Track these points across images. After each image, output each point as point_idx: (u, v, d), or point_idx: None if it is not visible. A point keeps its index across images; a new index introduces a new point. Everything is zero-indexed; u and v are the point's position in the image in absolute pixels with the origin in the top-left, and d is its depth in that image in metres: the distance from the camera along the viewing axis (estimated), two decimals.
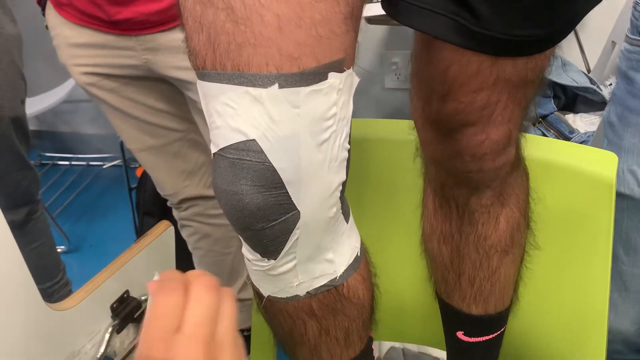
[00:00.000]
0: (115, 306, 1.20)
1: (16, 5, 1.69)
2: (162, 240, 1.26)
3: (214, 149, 0.67)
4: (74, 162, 2.89)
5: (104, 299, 1.18)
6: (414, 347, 1.26)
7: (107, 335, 1.17)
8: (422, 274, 1.06)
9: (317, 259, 0.74)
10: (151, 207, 1.88)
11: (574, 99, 1.81)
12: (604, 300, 0.99)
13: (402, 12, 0.71)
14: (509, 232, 0.91)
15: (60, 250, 2.20)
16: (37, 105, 2.42)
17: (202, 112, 1.35)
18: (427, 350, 1.25)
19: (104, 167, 2.81)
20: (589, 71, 1.90)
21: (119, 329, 1.21)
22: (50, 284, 1.63)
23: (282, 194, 0.66)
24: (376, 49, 2.26)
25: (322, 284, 0.76)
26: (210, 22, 0.63)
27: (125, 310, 1.21)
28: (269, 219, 0.67)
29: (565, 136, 1.70)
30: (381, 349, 1.27)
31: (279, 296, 0.76)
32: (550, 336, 1.07)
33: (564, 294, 1.03)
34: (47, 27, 1.39)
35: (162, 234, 1.25)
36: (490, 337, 1.00)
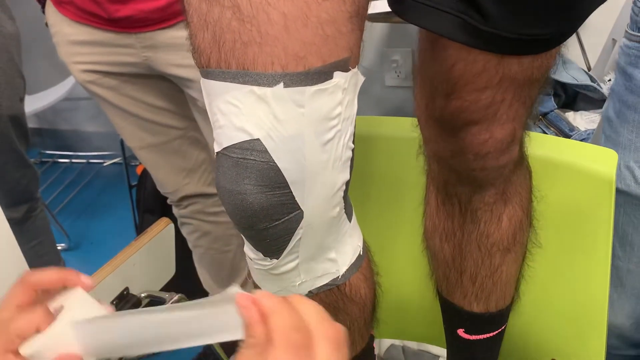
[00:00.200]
0: (115, 303, 1.19)
1: (16, 2, 1.68)
2: (162, 237, 1.26)
3: (217, 148, 0.67)
4: (74, 160, 2.88)
5: (103, 296, 1.18)
6: (414, 345, 1.26)
7: None
8: (423, 271, 1.06)
9: (320, 259, 0.74)
10: (151, 205, 1.88)
11: (574, 97, 1.81)
12: (603, 296, 0.99)
13: (408, 10, 0.71)
14: (511, 230, 0.91)
15: (60, 247, 2.20)
16: (37, 102, 2.42)
17: (202, 110, 1.36)
18: (427, 347, 1.25)
19: (104, 164, 2.80)
20: (589, 69, 1.90)
21: None
22: None
23: (285, 194, 0.66)
24: (376, 46, 2.26)
25: (325, 283, 0.76)
26: (215, 20, 0.63)
27: (125, 307, 1.21)
28: (272, 219, 0.67)
29: (565, 134, 1.70)
30: (381, 346, 1.27)
31: (282, 295, 0.76)
32: (550, 332, 1.07)
33: (565, 291, 1.03)
34: (47, 24, 1.39)
35: (162, 231, 1.25)
36: (491, 334, 1.00)
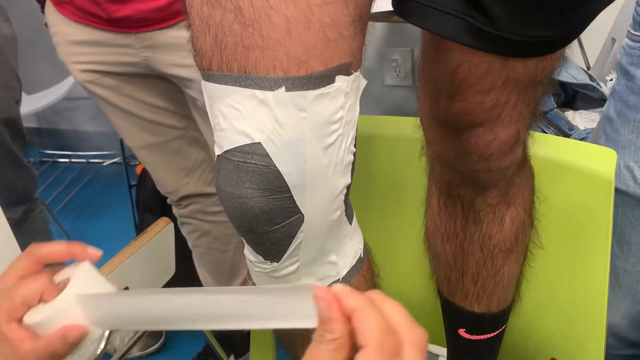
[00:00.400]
0: None
1: (15, 2, 1.68)
2: (162, 237, 1.26)
3: (218, 151, 0.67)
4: (73, 160, 2.88)
5: None
6: None
7: (106, 332, 1.17)
8: (423, 271, 1.05)
9: (320, 261, 0.74)
10: (151, 205, 1.88)
11: (573, 96, 1.81)
12: (602, 295, 0.99)
13: (412, 12, 0.71)
14: (514, 231, 0.91)
15: None
16: (36, 102, 2.42)
17: (201, 110, 1.36)
18: (427, 347, 1.25)
19: (104, 164, 2.80)
20: (588, 68, 1.90)
21: None
22: None
23: (286, 198, 0.65)
24: (376, 46, 2.26)
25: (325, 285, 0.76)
26: (217, 23, 0.63)
27: None
28: (272, 223, 0.67)
29: (564, 133, 1.70)
30: None
31: None
32: (550, 332, 1.07)
33: (564, 291, 1.03)
34: (46, 24, 1.39)
35: (162, 231, 1.25)
36: (492, 334, 1.00)
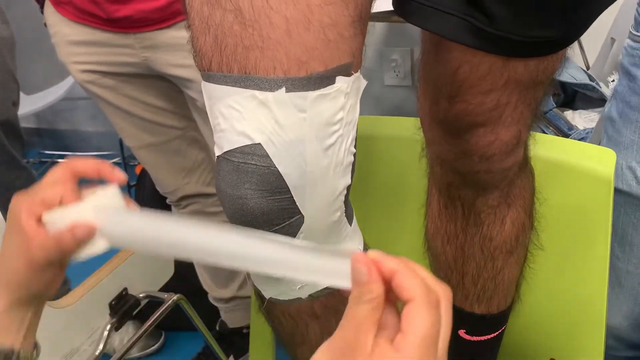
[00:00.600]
0: (113, 304, 1.19)
1: (15, 3, 1.68)
2: None
3: (218, 152, 0.66)
4: None
5: (102, 296, 1.18)
6: None
7: (105, 332, 1.17)
8: None
9: None
10: (150, 205, 1.88)
11: (573, 96, 1.81)
12: (602, 296, 0.99)
13: (413, 13, 0.70)
14: (514, 233, 0.90)
15: None
16: (36, 103, 2.42)
17: (201, 110, 1.36)
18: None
19: None
20: (588, 68, 1.90)
21: (117, 326, 1.21)
22: None
23: (286, 199, 0.65)
24: (375, 46, 2.26)
25: (325, 286, 0.75)
26: (217, 24, 0.63)
27: (123, 307, 1.20)
28: (272, 223, 0.67)
29: (564, 133, 1.70)
30: None
31: (281, 298, 0.76)
32: (549, 332, 1.07)
33: (563, 291, 1.03)
34: (45, 25, 1.39)
35: None
36: (492, 335, 1.00)
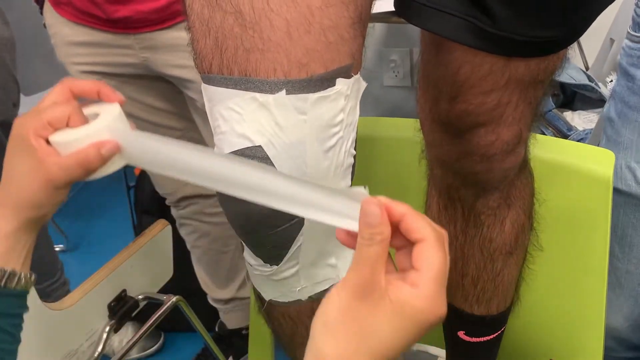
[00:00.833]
0: (112, 305, 1.19)
1: (14, 3, 1.68)
2: (160, 239, 1.26)
3: None
4: None
5: (101, 298, 1.17)
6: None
7: (104, 334, 1.17)
8: None
9: (320, 264, 0.73)
10: (149, 206, 1.88)
11: (572, 97, 1.81)
12: (601, 297, 0.99)
13: (415, 13, 0.70)
14: (514, 234, 0.90)
15: (58, 249, 2.19)
16: (35, 103, 2.41)
17: (201, 111, 1.36)
18: (425, 348, 1.25)
19: None
20: (587, 68, 1.90)
21: (116, 328, 1.21)
22: (48, 283, 1.62)
23: None
24: (374, 46, 2.26)
25: (325, 288, 0.75)
26: (218, 26, 0.63)
27: (122, 309, 1.20)
28: (272, 226, 0.67)
29: (563, 133, 1.70)
30: None
31: (281, 300, 0.76)
32: (548, 333, 1.07)
33: (562, 292, 1.03)
34: (45, 25, 1.39)
35: (160, 233, 1.25)
36: (491, 337, 1.00)
